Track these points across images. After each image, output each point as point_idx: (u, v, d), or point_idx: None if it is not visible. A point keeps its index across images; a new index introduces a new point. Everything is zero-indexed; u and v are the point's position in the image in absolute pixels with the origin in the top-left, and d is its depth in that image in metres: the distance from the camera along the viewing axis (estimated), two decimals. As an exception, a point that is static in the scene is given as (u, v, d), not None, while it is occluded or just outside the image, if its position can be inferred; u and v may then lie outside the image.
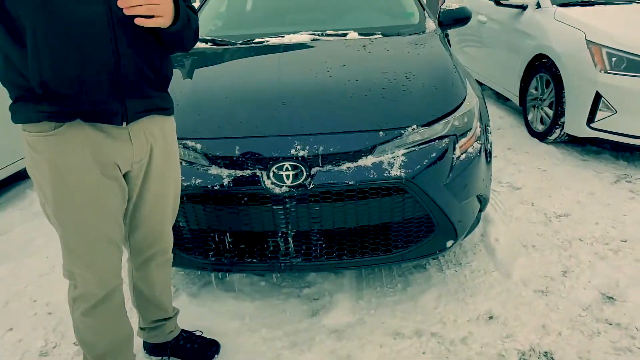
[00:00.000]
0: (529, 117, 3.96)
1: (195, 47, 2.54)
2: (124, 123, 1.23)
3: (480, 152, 1.98)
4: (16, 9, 1.07)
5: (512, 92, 4.23)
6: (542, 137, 3.73)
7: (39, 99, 1.14)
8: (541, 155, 3.50)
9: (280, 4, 3.16)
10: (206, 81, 2.16)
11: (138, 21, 1.12)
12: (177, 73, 2.22)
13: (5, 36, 1.11)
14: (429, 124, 1.83)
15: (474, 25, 4.98)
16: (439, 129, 1.86)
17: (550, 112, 3.62)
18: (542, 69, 3.70)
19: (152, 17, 1.13)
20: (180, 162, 1.77)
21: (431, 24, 2.72)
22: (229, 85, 2.07)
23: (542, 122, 3.79)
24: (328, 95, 1.92)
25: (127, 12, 1.10)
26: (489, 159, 2.13)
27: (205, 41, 2.64)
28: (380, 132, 1.76)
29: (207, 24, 2.99)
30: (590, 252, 2.27)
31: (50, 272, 2.32)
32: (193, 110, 1.92)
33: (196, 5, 7.00)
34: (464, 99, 1.99)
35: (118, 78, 1.18)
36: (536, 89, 3.85)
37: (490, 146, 2.16)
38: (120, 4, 1.09)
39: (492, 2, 4.55)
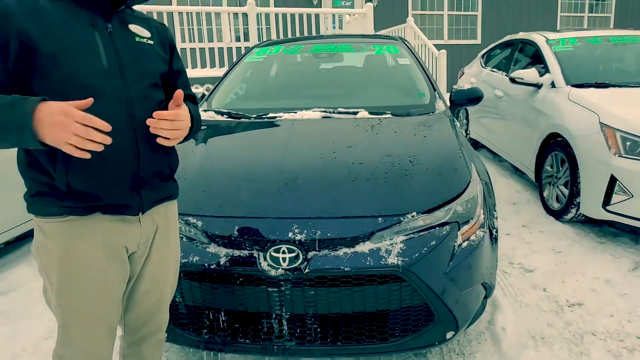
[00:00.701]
0: (545, 193, 3.91)
1: (212, 118, 2.70)
2: (140, 213, 1.30)
3: (483, 239, 1.94)
4: None
5: (528, 168, 4.20)
6: (558, 215, 3.66)
7: (63, 196, 1.17)
8: (556, 234, 3.42)
9: (299, 78, 3.29)
10: (214, 157, 2.22)
11: (159, 141, 1.24)
12: (189, 145, 2.31)
13: (38, 152, 1.16)
14: (430, 211, 1.83)
15: (491, 98, 5.06)
16: (440, 215, 1.85)
17: (566, 191, 3.57)
18: (557, 147, 3.69)
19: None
20: (181, 238, 1.82)
21: (441, 105, 2.78)
22: (236, 163, 2.13)
23: (557, 200, 3.73)
24: (330, 178, 1.95)
25: (153, 130, 1.23)
26: (494, 244, 2.09)
27: (222, 113, 2.75)
28: (379, 219, 1.76)
29: (227, 95, 3.13)
30: (603, 349, 2.15)
31: (49, 336, 2.32)
32: (198, 186, 1.97)
33: (217, 71, 7.24)
34: (468, 185, 1.98)
35: (137, 175, 1.26)
36: (551, 167, 3.82)
37: (496, 232, 2.12)
38: (150, 122, 1.21)
39: (508, 79, 4.64)
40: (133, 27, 1.29)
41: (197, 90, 7.20)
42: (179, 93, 1.26)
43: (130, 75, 1.24)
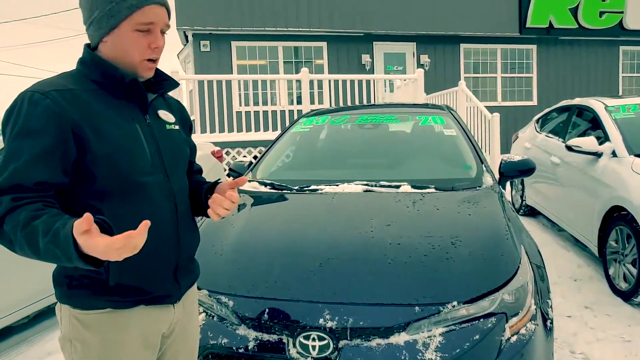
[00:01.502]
0: (610, 271, 3.58)
1: (255, 189, 2.74)
2: (177, 301, 1.30)
3: (535, 332, 1.77)
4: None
5: (590, 241, 3.90)
6: (626, 297, 3.32)
7: (109, 290, 1.14)
8: (625, 319, 3.08)
9: (344, 149, 3.31)
10: (251, 232, 2.22)
11: (210, 213, 1.29)
12: (229, 217, 2.33)
13: None
14: (473, 300, 1.70)
15: (547, 164, 4.85)
16: (484, 306, 1.71)
17: (634, 270, 3.25)
18: (621, 221, 3.41)
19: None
20: (212, 317, 1.80)
21: (488, 179, 2.67)
22: (272, 239, 2.12)
23: (625, 279, 3.39)
24: (366, 260, 1.88)
25: (213, 217, 1.28)
26: (548, 337, 1.90)
27: (265, 184, 2.79)
28: (417, 307, 1.65)
29: (272, 165, 3.19)
30: None
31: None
32: (232, 263, 1.96)
33: (270, 135, 7.43)
34: (516, 272, 1.84)
35: (178, 264, 1.27)
36: (616, 242, 3.52)
37: (551, 322, 1.93)
38: (213, 203, 1.26)
39: (564, 146, 4.44)
40: (162, 114, 1.30)
41: (245, 156, 7.47)
42: (244, 180, 1.29)
43: (170, 167, 1.25)
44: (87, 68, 1.17)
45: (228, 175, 3.45)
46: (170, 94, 1.42)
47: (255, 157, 7.61)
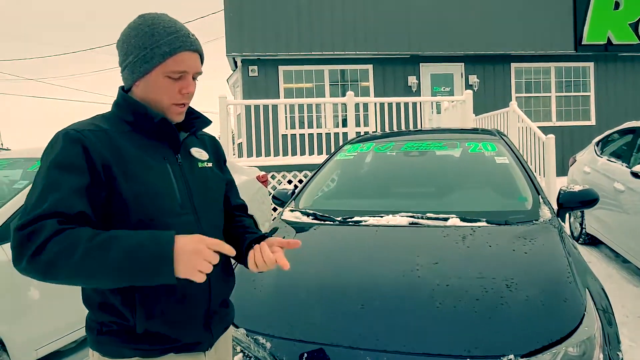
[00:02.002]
0: (688, 312, 3.23)
1: (297, 219, 2.68)
2: (209, 348, 1.25)
3: (605, 391, 1.57)
4: None
5: (663, 277, 3.55)
6: None
7: (138, 338, 1.12)
8: None
9: (389, 177, 3.21)
10: (291, 267, 2.14)
11: (252, 269, 1.25)
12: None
13: (113, 294, 1.11)
14: (532, 353, 1.53)
15: (610, 190, 4.51)
16: None
17: None
18: (699, 257, 3.08)
19: None
20: (249, 358, 1.73)
21: (546, 212, 2.47)
22: (312, 277, 2.03)
23: None
24: (412, 302, 1.75)
25: (253, 268, 1.24)
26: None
27: (307, 214, 2.72)
28: (468, 360, 1.51)
29: (315, 194, 3.12)
30: None
31: None
32: (271, 301, 1.89)
33: (316, 158, 7.45)
34: (581, 321, 1.65)
35: (209, 312, 1.23)
36: (694, 280, 3.18)
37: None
38: (258, 262, 1.22)
39: (629, 172, 4.12)
40: (194, 152, 1.28)
41: (290, 180, 7.48)
42: (297, 243, 1.27)
43: (200, 207, 1.22)
44: (120, 110, 1.19)
45: (272, 201, 3.41)
46: (207, 129, 1.40)
47: (300, 181, 7.60)
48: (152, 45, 1.13)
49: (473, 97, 8.11)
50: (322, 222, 2.61)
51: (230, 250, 1.04)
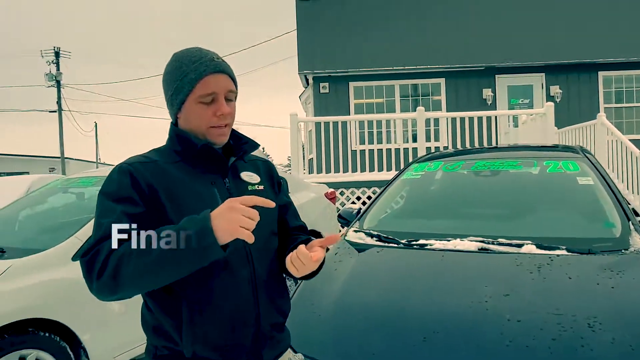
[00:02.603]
0: None
1: (361, 241, 2.63)
2: None
3: None
4: (174, 285, 1.12)
5: None
6: None
7: None
8: None
9: (457, 197, 3.07)
10: (352, 292, 2.10)
11: (289, 267, 1.22)
12: (333, 271, 2.24)
13: (159, 309, 1.16)
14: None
15: None
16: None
17: None
18: None
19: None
20: (308, 385, 1.70)
21: (638, 241, 2.21)
22: (373, 303, 1.96)
23: None
24: (479, 337, 1.63)
25: (292, 271, 1.21)
26: None
27: (371, 235, 2.66)
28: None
29: (380, 215, 3.06)
30: None
31: None
32: (330, 327, 1.85)
33: (385, 175, 7.35)
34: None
35: (257, 332, 1.22)
36: None
37: None
38: (294, 261, 1.18)
39: None
40: (245, 176, 1.29)
41: (359, 197, 7.41)
42: (336, 237, 1.22)
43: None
44: (171, 141, 1.26)
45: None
46: (256, 153, 1.41)
47: (369, 198, 7.53)
48: (181, 76, 1.19)
49: (555, 110, 7.61)
50: (386, 245, 2.54)
51: (265, 202, 1.06)
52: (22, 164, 29.66)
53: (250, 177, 1.31)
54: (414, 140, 8.01)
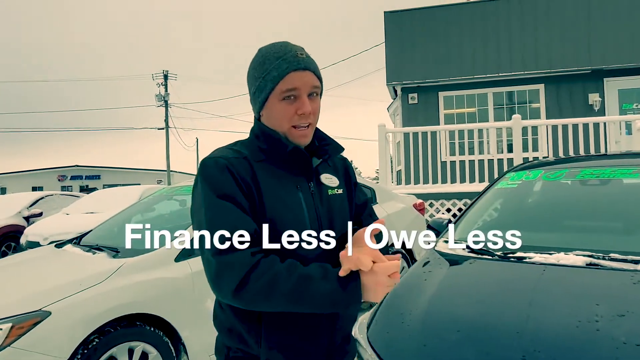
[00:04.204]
0: None
1: (451, 251, 2.52)
2: None
3: None
4: None
5: None
6: None
7: None
8: None
9: (560, 208, 2.83)
10: (443, 305, 2.01)
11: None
12: (423, 282, 2.18)
13: (235, 312, 1.16)
14: None
15: None
16: None
17: None
18: None
19: None
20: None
21: None
22: (465, 317, 1.86)
23: None
24: (588, 360, 1.47)
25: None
26: None
27: (464, 247, 2.54)
28: None
29: (473, 225, 2.92)
30: None
31: None
32: (418, 339, 1.78)
33: (477, 186, 7.01)
34: None
35: (331, 345, 1.22)
36: None
37: None
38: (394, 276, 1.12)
39: None
40: (325, 179, 1.26)
41: (449, 209, 7.13)
42: (381, 221, 1.21)
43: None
44: (257, 138, 1.22)
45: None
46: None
47: (460, 210, 7.22)
48: (264, 73, 1.16)
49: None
50: (480, 256, 2.41)
51: (396, 277, 1.09)
52: (134, 176, 32.91)
53: (330, 180, 1.28)
54: (509, 150, 7.56)
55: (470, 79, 10.38)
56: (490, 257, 2.37)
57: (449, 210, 7.18)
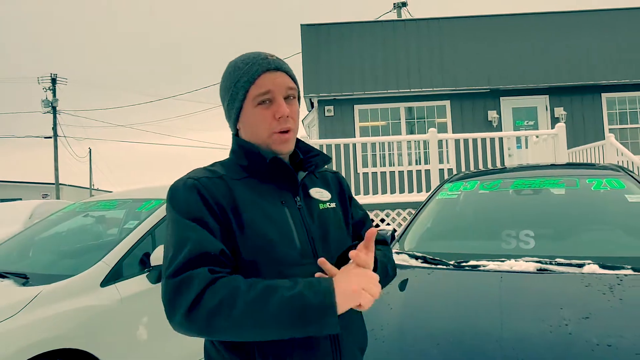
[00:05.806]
0: None
1: (405, 262, 2.52)
2: None
3: None
4: None
5: None
6: None
7: None
8: None
9: (500, 216, 2.97)
10: (415, 315, 1.98)
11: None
12: (383, 297, 2.13)
13: (227, 348, 1.05)
14: None
15: None
16: None
17: None
18: None
19: None
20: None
21: None
22: (440, 326, 1.83)
23: None
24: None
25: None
26: None
27: (415, 257, 2.56)
28: None
29: (420, 235, 2.95)
30: None
31: None
32: (398, 354, 1.73)
33: (399, 197, 7.22)
34: None
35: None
36: None
37: None
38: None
39: None
40: (314, 192, 1.18)
41: (372, 219, 7.30)
42: (372, 232, 1.03)
43: (323, 254, 1.10)
44: (235, 155, 1.15)
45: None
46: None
47: (382, 220, 7.41)
48: (235, 81, 1.11)
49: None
50: (434, 267, 2.43)
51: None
52: (14, 190, 29.25)
53: (320, 193, 1.20)
54: (418, 162, 7.97)
55: (384, 94, 10.83)
56: (445, 267, 2.40)
57: (382, 220, 7.33)
